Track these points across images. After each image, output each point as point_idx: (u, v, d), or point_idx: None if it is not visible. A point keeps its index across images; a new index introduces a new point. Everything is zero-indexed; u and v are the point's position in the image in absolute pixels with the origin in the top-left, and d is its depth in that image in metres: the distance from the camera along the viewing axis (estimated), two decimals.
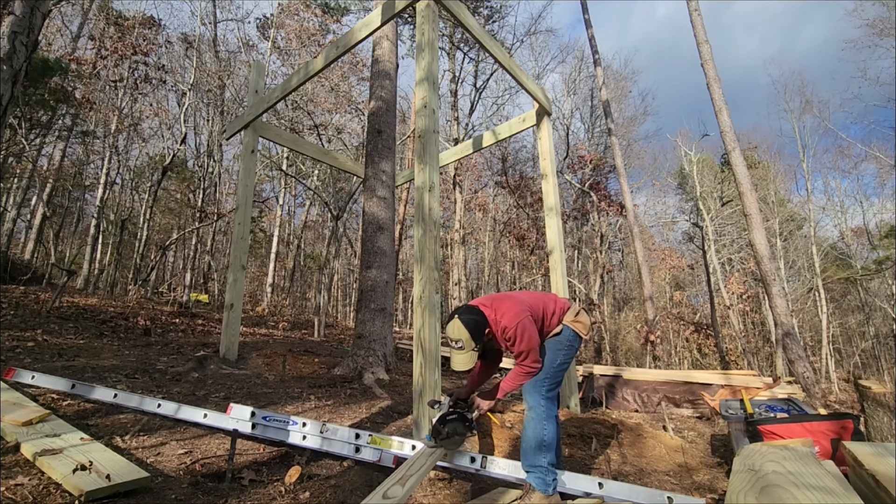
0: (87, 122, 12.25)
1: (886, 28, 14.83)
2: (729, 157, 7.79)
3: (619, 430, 3.72)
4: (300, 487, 2.11)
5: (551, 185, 4.87)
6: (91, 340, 5.19)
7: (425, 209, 2.92)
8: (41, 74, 8.17)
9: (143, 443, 2.43)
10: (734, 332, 14.33)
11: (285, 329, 10.28)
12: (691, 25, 8.33)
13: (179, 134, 12.10)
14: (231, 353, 4.75)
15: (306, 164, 16.22)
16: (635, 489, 2.12)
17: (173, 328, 7.40)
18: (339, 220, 12.48)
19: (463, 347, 2.01)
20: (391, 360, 4.95)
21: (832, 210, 20.64)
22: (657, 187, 21.31)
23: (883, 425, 2.87)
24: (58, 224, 13.81)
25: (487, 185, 20.42)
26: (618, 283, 22.87)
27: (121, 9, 13.93)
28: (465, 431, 2.15)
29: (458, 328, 2.01)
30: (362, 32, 3.96)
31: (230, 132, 5.66)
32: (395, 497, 1.62)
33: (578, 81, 20.29)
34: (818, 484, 1.47)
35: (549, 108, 5.04)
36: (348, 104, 13.11)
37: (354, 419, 3.14)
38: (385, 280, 5.03)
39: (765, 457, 1.81)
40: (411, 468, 1.89)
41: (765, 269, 7.12)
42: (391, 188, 5.47)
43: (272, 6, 20.74)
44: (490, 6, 17.32)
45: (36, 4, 1.83)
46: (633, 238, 11.25)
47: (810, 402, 5.16)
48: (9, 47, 1.71)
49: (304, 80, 4.69)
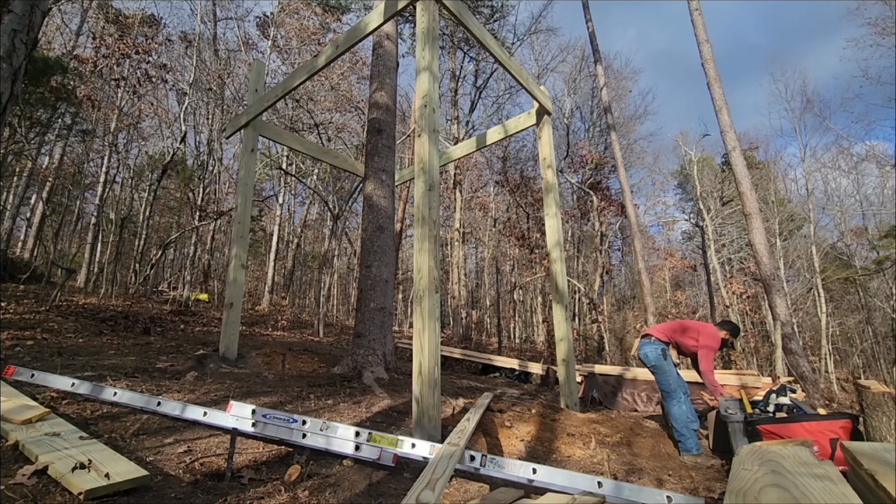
0: (88, 120, 12.24)
1: (888, 28, 14.81)
2: (729, 157, 7.79)
3: (619, 430, 3.72)
4: (300, 486, 2.12)
5: (551, 185, 4.87)
6: (90, 339, 5.19)
7: (425, 208, 2.92)
8: (41, 73, 8.15)
9: (143, 441, 2.43)
10: None
11: (285, 328, 10.28)
12: (692, 25, 8.32)
13: (179, 133, 12.09)
14: (231, 351, 4.74)
15: (306, 163, 16.22)
16: (635, 488, 2.12)
17: (173, 327, 7.40)
18: (338, 219, 12.48)
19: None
20: (391, 359, 4.95)
21: (832, 210, 20.64)
22: (657, 187, 21.32)
23: (882, 425, 2.87)
24: (57, 223, 13.79)
25: (487, 184, 20.42)
26: (618, 284, 22.87)
27: (120, 7, 13.91)
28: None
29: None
30: (363, 31, 3.96)
31: (230, 131, 5.66)
32: (428, 502, 1.66)
33: (579, 80, 20.29)
34: (817, 484, 1.47)
35: (549, 107, 5.04)
36: (348, 103, 13.10)
37: (354, 418, 3.14)
38: (385, 279, 5.03)
39: (764, 456, 1.82)
40: (435, 472, 1.90)
41: (764, 268, 7.13)
42: (391, 187, 5.46)
43: (272, 5, 20.72)
44: (491, 5, 17.29)
45: (35, 2, 1.82)
46: (633, 238, 11.25)
47: (810, 401, 5.16)
48: (8, 45, 1.70)
49: (304, 79, 4.69)
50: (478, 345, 14.33)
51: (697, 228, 17.09)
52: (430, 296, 2.77)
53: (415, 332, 2.79)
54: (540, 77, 19.16)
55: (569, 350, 4.43)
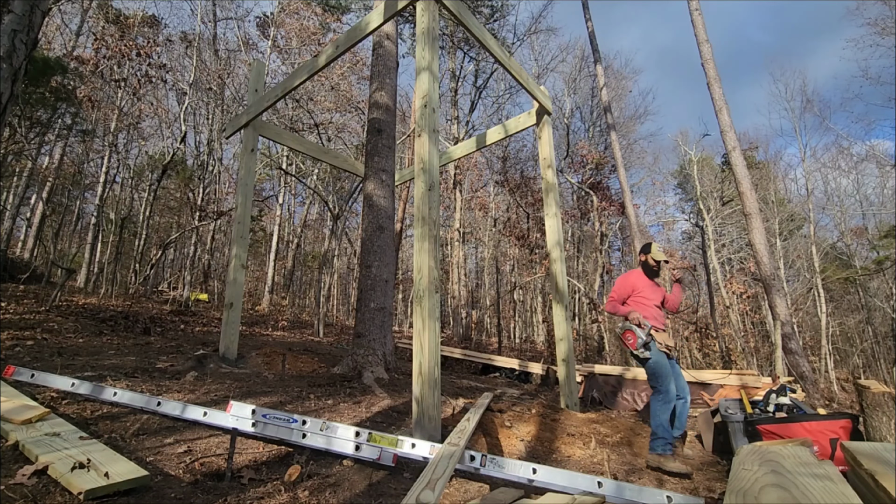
0: (88, 120, 12.24)
1: (887, 27, 14.81)
2: (729, 157, 7.79)
3: (619, 430, 3.72)
4: (300, 486, 2.12)
5: (551, 185, 4.87)
6: (90, 339, 5.19)
7: (425, 208, 2.92)
8: (41, 73, 8.16)
9: (143, 442, 2.43)
10: (734, 331, 14.34)
11: (285, 328, 10.28)
12: (692, 25, 8.33)
13: (179, 133, 12.09)
14: (231, 351, 4.75)
15: (306, 163, 16.22)
16: (635, 488, 2.12)
17: (173, 327, 7.40)
18: (338, 219, 12.48)
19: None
20: (391, 359, 4.95)
21: (832, 210, 20.64)
22: (657, 187, 21.33)
23: (882, 425, 2.87)
24: (57, 223, 13.80)
25: (487, 184, 20.42)
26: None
27: (120, 7, 13.91)
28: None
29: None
30: (363, 31, 3.96)
31: (230, 131, 5.66)
32: (428, 502, 1.65)
33: (579, 80, 20.29)
34: (817, 483, 1.47)
35: (549, 107, 5.04)
36: (348, 103, 13.10)
37: (354, 418, 3.14)
38: (385, 279, 5.03)
39: (764, 456, 1.82)
40: (435, 472, 1.90)
41: (764, 268, 7.13)
42: (391, 187, 5.46)
43: (272, 5, 20.73)
44: (491, 5, 17.30)
45: (36, 2, 1.82)
46: (633, 238, 11.25)
47: (810, 401, 5.16)
48: (8, 45, 1.70)
49: (304, 79, 4.69)
50: (478, 345, 14.33)
51: (697, 228, 17.09)
52: (430, 296, 2.77)
53: (415, 332, 2.79)
54: (540, 77, 19.16)
55: (569, 350, 4.43)
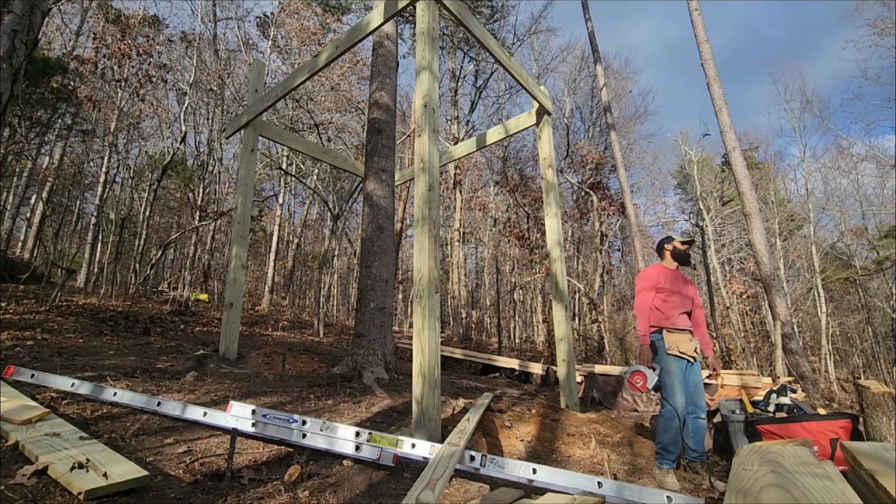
0: (88, 120, 12.24)
1: (887, 28, 14.82)
2: (729, 157, 7.80)
3: (620, 430, 3.72)
4: (300, 486, 2.12)
5: (551, 185, 4.87)
6: (90, 339, 5.19)
7: (425, 208, 2.92)
8: (41, 73, 8.16)
9: (143, 442, 2.43)
10: (734, 331, 14.34)
11: (285, 328, 10.28)
12: (692, 25, 8.33)
13: (179, 133, 12.09)
14: (231, 351, 4.75)
15: (306, 163, 16.22)
16: (635, 488, 2.12)
17: (173, 327, 7.40)
18: (338, 219, 12.48)
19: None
20: (391, 359, 4.95)
21: (832, 210, 20.65)
22: (657, 187, 21.33)
23: (882, 425, 2.87)
24: (57, 223, 13.80)
25: (487, 184, 20.42)
26: (618, 284, 22.85)
27: (120, 7, 13.91)
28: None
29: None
30: (363, 31, 3.96)
31: (230, 131, 5.66)
32: (428, 502, 1.65)
33: (579, 81, 20.30)
34: (817, 483, 1.47)
35: (549, 107, 5.04)
36: (348, 103, 13.09)
37: (354, 418, 3.14)
38: (385, 279, 5.03)
39: (764, 456, 1.82)
40: (435, 472, 1.89)
41: (764, 268, 7.13)
42: (391, 187, 5.46)
43: (272, 5, 20.75)
44: (491, 5, 17.29)
45: (35, 2, 1.82)
46: (633, 238, 11.25)
47: (810, 401, 5.16)
48: (8, 45, 1.70)
49: (304, 79, 4.69)
50: (478, 345, 14.33)
51: (697, 228, 17.10)
52: (430, 296, 2.77)
53: (415, 332, 2.79)
54: (540, 77, 19.16)
55: (569, 350, 4.43)
